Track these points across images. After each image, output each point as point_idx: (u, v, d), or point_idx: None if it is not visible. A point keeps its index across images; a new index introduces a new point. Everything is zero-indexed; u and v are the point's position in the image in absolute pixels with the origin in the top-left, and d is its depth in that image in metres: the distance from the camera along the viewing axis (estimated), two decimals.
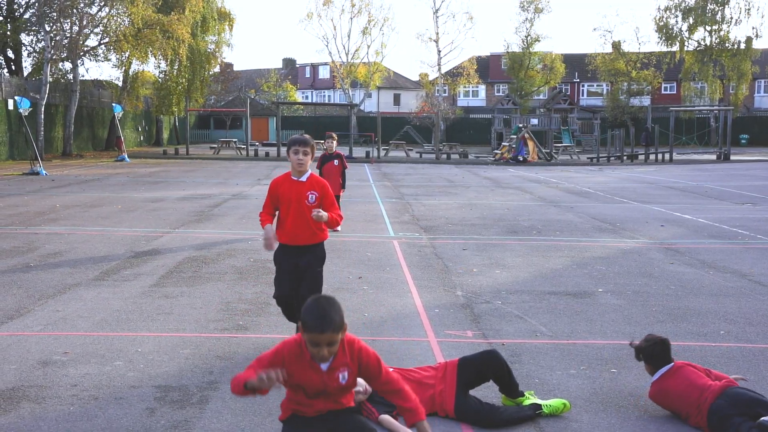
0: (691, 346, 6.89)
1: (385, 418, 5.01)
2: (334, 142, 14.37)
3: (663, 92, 72.33)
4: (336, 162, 14.15)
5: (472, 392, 5.28)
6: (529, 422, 5.09)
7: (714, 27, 59.91)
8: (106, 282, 9.25)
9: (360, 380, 5.22)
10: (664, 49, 61.98)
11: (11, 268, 10.04)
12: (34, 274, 9.62)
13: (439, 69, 61.76)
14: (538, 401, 5.27)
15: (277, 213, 6.59)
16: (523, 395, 5.34)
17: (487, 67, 76.69)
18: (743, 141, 62.33)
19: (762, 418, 4.64)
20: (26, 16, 42.14)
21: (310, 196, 6.37)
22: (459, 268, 10.49)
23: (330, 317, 3.78)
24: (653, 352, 5.40)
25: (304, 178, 6.43)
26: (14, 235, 12.92)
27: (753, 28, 72.55)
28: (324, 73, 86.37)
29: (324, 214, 6.26)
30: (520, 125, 43.13)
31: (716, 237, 13.63)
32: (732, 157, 43.36)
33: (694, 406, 4.98)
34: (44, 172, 27.20)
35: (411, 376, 5.38)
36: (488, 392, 5.46)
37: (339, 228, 13.88)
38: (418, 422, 3.99)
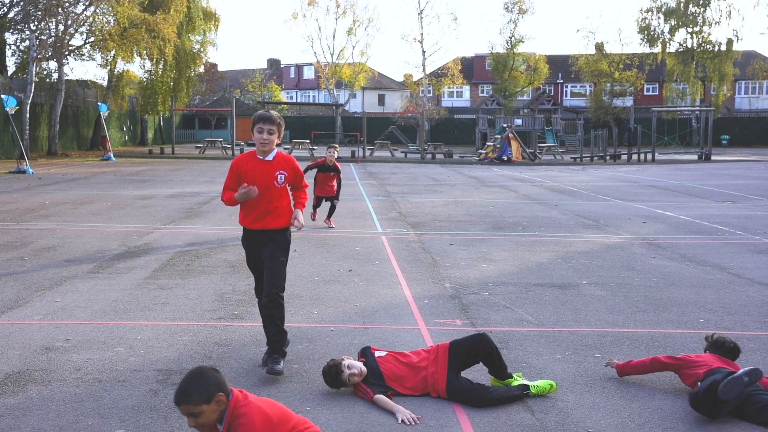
0: (672, 334, 7.14)
1: (380, 397, 5.24)
2: (336, 152, 14.31)
3: (645, 93, 72.97)
4: (332, 173, 14.18)
5: (462, 374, 5.50)
6: (517, 402, 5.32)
7: (695, 29, 60.52)
8: (101, 275, 9.42)
9: (355, 363, 5.47)
10: (647, 50, 62.56)
11: (6, 261, 10.19)
12: (29, 268, 9.78)
13: (424, 70, 62.05)
14: (526, 382, 5.51)
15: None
16: (511, 377, 5.57)
17: (471, 68, 77.07)
18: (724, 142, 62.99)
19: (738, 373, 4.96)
20: (11, 15, 42.05)
21: (279, 176, 5.93)
22: (447, 261, 10.72)
23: (187, 391, 3.80)
24: (724, 345, 5.71)
25: (270, 157, 5.96)
26: (6, 230, 13.05)
27: (733, 30, 73.41)
28: (309, 74, 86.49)
29: (301, 219, 6.00)
30: (505, 125, 43.45)
31: (697, 233, 13.94)
32: (713, 158, 43.87)
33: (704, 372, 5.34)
34: (31, 170, 27.24)
35: (405, 359, 5.60)
36: (478, 375, 5.69)
37: (333, 225, 14.10)
38: None
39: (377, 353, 5.64)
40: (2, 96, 29.27)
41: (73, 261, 10.30)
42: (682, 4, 60.27)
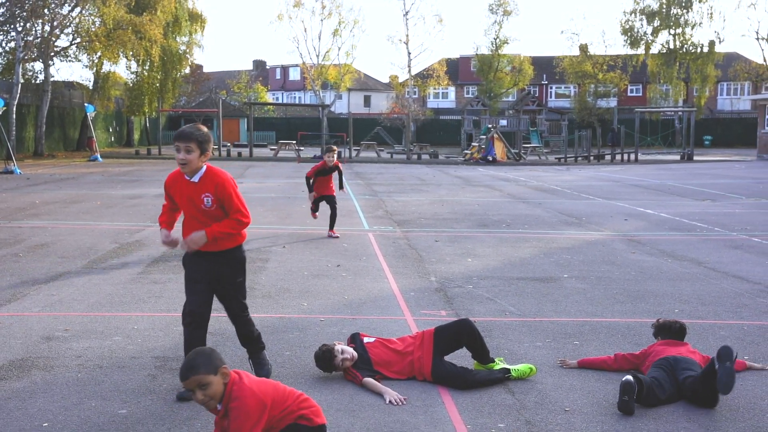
0: (648, 323, 7.39)
1: (369, 380, 5.51)
2: (335, 155, 13.00)
3: (629, 94, 73.62)
4: (331, 175, 13.13)
5: (447, 358, 5.79)
6: (499, 384, 5.61)
7: (678, 30, 61.14)
8: (95, 270, 9.65)
9: (347, 348, 5.74)
10: (630, 52, 63.15)
11: (1, 258, 10.40)
12: (24, 263, 10.00)
13: (409, 71, 62.44)
14: (508, 366, 5.80)
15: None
16: (493, 361, 5.86)
17: (456, 69, 77.47)
18: (707, 142, 63.67)
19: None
20: None
21: (205, 200, 5.27)
22: (432, 257, 11.01)
23: (195, 363, 4.02)
24: (671, 327, 6.02)
25: (196, 179, 5.28)
26: None
27: (715, 32, 74.34)
28: (294, 75, 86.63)
29: (196, 237, 5.22)
30: (489, 126, 43.82)
31: (676, 229, 14.29)
32: (695, 158, 44.44)
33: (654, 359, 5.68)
34: (18, 170, 27.35)
35: (392, 345, 5.87)
36: (462, 361, 5.96)
37: (337, 234, 12.89)
38: None
39: (366, 339, 5.91)
40: None
41: (66, 257, 10.52)
42: (664, 6, 60.86)
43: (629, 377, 5.10)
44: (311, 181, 12.91)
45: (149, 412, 4.96)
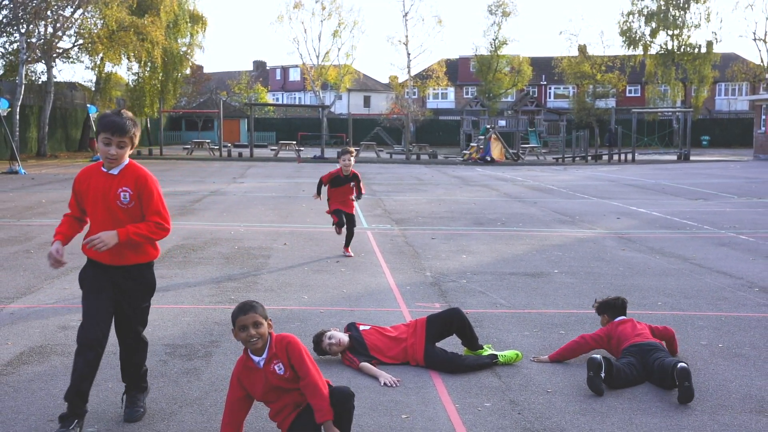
0: (631, 314, 7.81)
1: (365, 365, 5.92)
2: (353, 158, 11.24)
3: (628, 95, 74.07)
4: (351, 184, 11.28)
5: (438, 345, 6.19)
6: (487, 369, 6.01)
7: (675, 31, 61.54)
8: None
9: (337, 334, 6.15)
10: (628, 52, 63.55)
11: (14, 254, 10.81)
12: (36, 260, 10.40)
13: (409, 71, 62.86)
14: (495, 352, 6.21)
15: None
16: (482, 348, 6.27)
17: (456, 70, 77.90)
18: (704, 143, 64.07)
19: (680, 364, 5.52)
20: None
21: (122, 194, 4.68)
22: (428, 254, 11.42)
23: (253, 304, 4.43)
24: (615, 304, 6.47)
25: (115, 171, 4.72)
26: (8, 226, 13.65)
27: (713, 32, 74.79)
28: (295, 76, 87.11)
29: (105, 236, 4.55)
30: (488, 126, 44.22)
31: (666, 228, 14.69)
32: (692, 158, 44.83)
33: (622, 342, 6.05)
34: (23, 171, 27.76)
35: (386, 333, 6.28)
36: (453, 348, 6.35)
37: (351, 253, 11.15)
38: (326, 422, 4.32)
39: (362, 327, 6.32)
40: None
41: (76, 253, 10.77)
42: (662, 7, 61.28)
43: (596, 355, 5.53)
44: (324, 186, 11.46)
45: (162, 393, 5.37)
